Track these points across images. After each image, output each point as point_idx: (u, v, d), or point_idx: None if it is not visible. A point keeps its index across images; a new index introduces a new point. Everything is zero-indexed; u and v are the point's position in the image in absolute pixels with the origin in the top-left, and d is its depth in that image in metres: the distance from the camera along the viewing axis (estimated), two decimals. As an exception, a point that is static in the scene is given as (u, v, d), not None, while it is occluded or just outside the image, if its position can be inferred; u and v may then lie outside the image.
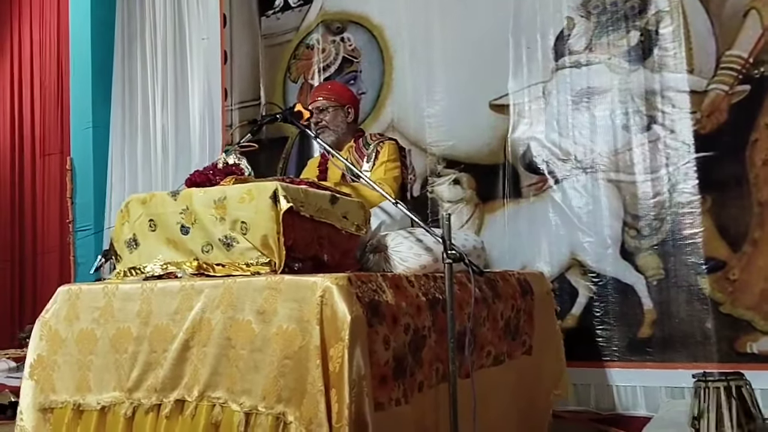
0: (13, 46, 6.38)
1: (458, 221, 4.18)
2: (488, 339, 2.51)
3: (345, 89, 3.21)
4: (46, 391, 2.02)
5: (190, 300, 1.85)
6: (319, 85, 3.55)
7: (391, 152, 2.88)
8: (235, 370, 1.78)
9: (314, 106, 2.89)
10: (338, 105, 2.95)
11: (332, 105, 2.93)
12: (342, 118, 2.95)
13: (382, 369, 1.74)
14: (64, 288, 2.08)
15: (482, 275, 2.10)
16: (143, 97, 5.53)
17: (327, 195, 2.09)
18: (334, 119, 2.92)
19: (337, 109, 2.95)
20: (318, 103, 2.92)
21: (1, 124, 6.42)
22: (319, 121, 2.88)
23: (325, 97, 2.96)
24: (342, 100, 2.99)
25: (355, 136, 3.00)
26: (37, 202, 6.03)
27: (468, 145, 4.17)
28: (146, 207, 2.07)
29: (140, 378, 1.90)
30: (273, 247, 1.88)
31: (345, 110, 2.97)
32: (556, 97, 3.93)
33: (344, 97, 3.03)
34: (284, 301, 1.72)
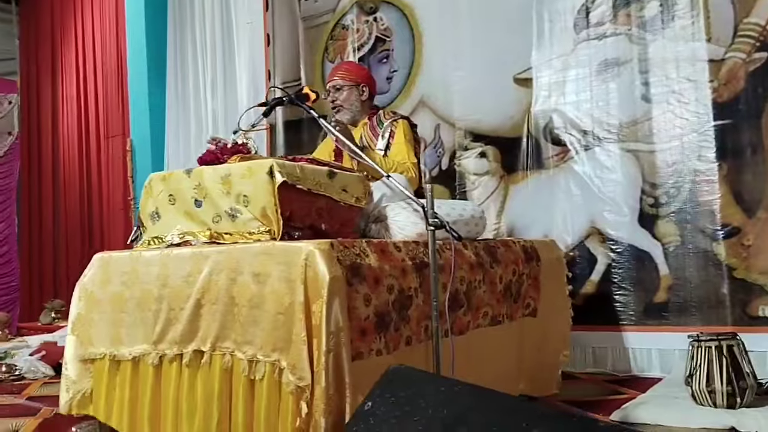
0: (77, 38, 6.84)
1: (485, 192, 4.35)
2: (485, 301, 2.70)
3: (360, 68, 3.41)
4: (85, 344, 2.36)
5: (200, 264, 2.13)
6: (335, 65, 3.76)
7: (407, 131, 3.07)
8: (238, 324, 2.05)
9: (330, 85, 3.10)
10: (353, 84, 3.16)
11: (347, 84, 3.14)
12: (356, 97, 3.16)
13: (362, 323, 1.97)
14: (98, 255, 2.41)
15: (460, 240, 2.28)
16: (194, 80, 5.87)
17: (324, 170, 2.32)
18: (349, 97, 3.13)
19: (352, 88, 3.15)
20: (334, 82, 3.13)
21: (69, 109, 6.93)
22: (334, 100, 3.09)
23: (340, 76, 3.17)
24: (357, 78, 3.19)
25: (370, 114, 3.20)
26: (102, 180, 6.51)
27: (493, 118, 4.32)
28: (166, 183, 2.36)
29: (163, 332, 2.20)
30: (271, 217, 2.14)
31: (360, 89, 3.17)
32: (577, 70, 4.02)
33: (359, 76, 3.23)
34: (276, 264, 1.98)
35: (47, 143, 7.17)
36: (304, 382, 1.86)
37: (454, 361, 2.30)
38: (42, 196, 7.19)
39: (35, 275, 7.17)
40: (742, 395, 2.67)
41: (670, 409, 2.78)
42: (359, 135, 3.16)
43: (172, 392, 2.13)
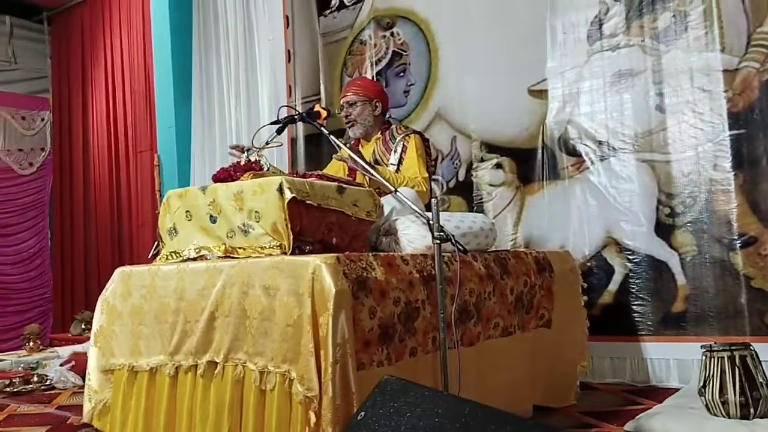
0: (106, 55, 7.05)
1: (501, 203, 4.39)
2: (495, 312, 2.75)
3: (373, 84, 3.48)
4: (107, 355, 2.46)
5: (214, 278, 2.21)
6: (349, 81, 3.85)
7: (419, 146, 3.14)
8: (250, 336, 2.13)
9: (344, 101, 3.19)
10: (366, 99, 3.24)
11: (360, 99, 3.22)
12: (370, 112, 3.24)
13: (366, 335, 2.04)
14: (119, 270, 2.52)
15: (466, 253, 2.33)
16: (219, 96, 6.01)
17: (333, 186, 2.40)
18: (362, 113, 3.21)
19: (365, 103, 3.23)
20: (347, 98, 3.22)
21: (99, 125, 7.13)
22: (348, 115, 3.18)
23: (353, 92, 3.26)
24: (370, 94, 3.27)
25: (383, 129, 3.27)
26: (132, 194, 6.68)
27: (508, 130, 4.36)
28: (183, 200, 2.45)
29: (179, 343, 2.29)
30: (282, 232, 2.22)
31: (373, 104, 3.25)
32: (591, 81, 4.04)
33: (372, 91, 3.31)
34: (285, 278, 2.05)
35: (78, 158, 7.38)
36: (312, 392, 1.93)
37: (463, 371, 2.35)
38: (73, 210, 7.40)
39: (67, 287, 7.37)
40: (756, 405, 2.66)
41: (683, 420, 2.78)
42: (372, 149, 3.24)
43: (186, 402, 2.21)
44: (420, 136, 3.28)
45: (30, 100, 7.75)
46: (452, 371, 2.26)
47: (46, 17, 7.78)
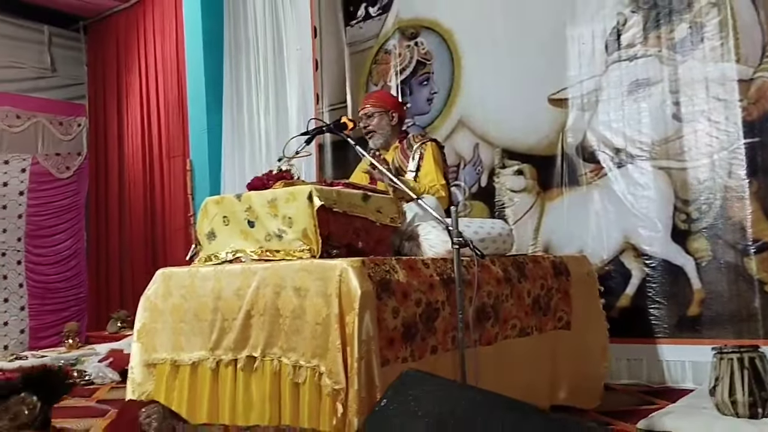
0: (140, 63, 7.31)
1: (522, 209, 4.53)
2: (513, 313, 2.89)
3: (389, 96, 3.65)
4: (149, 351, 2.65)
5: (249, 279, 2.39)
6: (366, 95, 4.01)
7: (435, 154, 3.30)
8: (283, 333, 2.30)
9: (362, 113, 3.37)
10: (383, 110, 3.41)
11: (378, 111, 3.40)
12: (387, 122, 3.41)
13: (390, 333, 2.20)
14: (160, 271, 2.71)
15: (483, 258, 2.48)
16: (248, 103, 6.22)
17: (359, 194, 2.56)
18: (380, 123, 3.38)
19: (383, 114, 3.40)
20: (365, 110, 3.39)
21: (134, 130, 7.39)
22: (367, 126, 3.35)
23: (371, 104, 3.43)
24: (386, 105, 3.45)
25: (400, 138, 3.44)
26: (165, 198, 6.91)
27: (529, 137, 4.49)
28: (220, 207, 2.64)
29: (218, 340, 2.47)
30: (311, 237, 2.39)
31: (389, 115, 3.43)
32: (609, 90, 4.17)
33: (388, 103, 3.49)
34: (314, 280, 2.22)
35: (113, 163, 7.65)
36: (339, 385, 2.09)
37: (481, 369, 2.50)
38: (109, 212, 7.67)
39: (102, 287, 7.64)
40: (764, 405, 2.76)
41: (694, 419, 2.89)
42: (391, 158, 3.40)
43: (228, 393, 2.39)
44: (436, 143, 3.44)
45: (67, 106, 8.04)
46: (470, 368, 2.40)
47: (83, 26, 8.06)
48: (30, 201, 7.59)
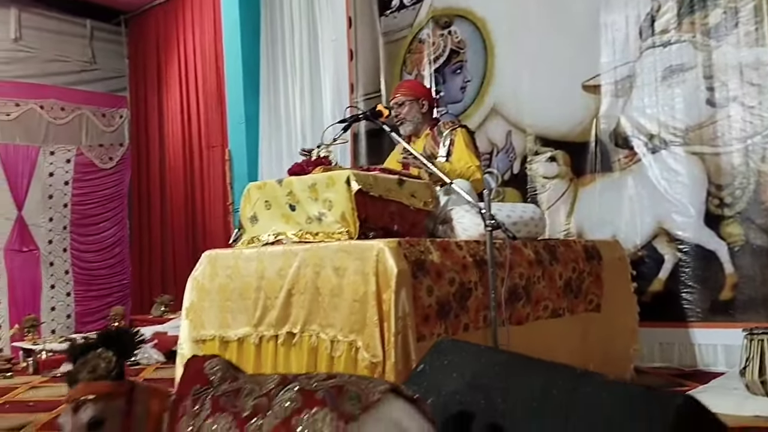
0: (179, 55, 7.50)
1: (554, 195, 4.58)
2: (544, 295, 2.97)
3: (418, 85, 3.73)
4: (198, 327, 2.80)
5: (290, 260, 2.52)
6: (396, 85, 4.10)
7: (466, 138, 3.38)
8: (322, 310, 2.42)
9: (393, 102, 3.46)
10: (414, 99, 3.50)
11: (408, 99, 3.49)
12: (417, 110, 3.50)
13: (425, 310, 2.30)
14: (206, 253, 2.86)
15: (515, 239, 2.56)
16: (285, 93, 6.35)
17: (395, 178, 2.67)
18: (411, 111, 3.47)
19: (413, 103, 3.49)
20: (396, 99, 3.49)
21: (174, 121, 7.60)
22: (398, 114, 3.45)
23: (402, 93, 3.52)
24: (416, 94, 3.54)
25: (431, 125, 3.53)
26: (204, 187, 7.11)
27: (562, 124, 4.53)
28: (262, 192, 2.77)
29: (261, 317, 2.61)
30: (349, 220, 2.50)
31: (419, 103, 3.51)
32: (643, 76, 4.18)
33: (418, 91, 3.58)
34: (352, 260, 2.33)
35: (155, 153, 7.87)
36: (377, 358, 2.21)
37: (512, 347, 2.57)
38: (151, 201, 7.91)
39: (145, 273, 7.89)
40: (794, 386, 2.80)
41: (725, 398, 2.94)
42: (422, 145, 3.49)
43: (269, 366, 2.52)
44: (465, 128, 3.52)
45: (109, 98, 8.29)
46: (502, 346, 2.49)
47: (123, 20, 8.29)
48: (75, 191, 7.86)
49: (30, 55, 7.55)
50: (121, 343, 1.28)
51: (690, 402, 1.14)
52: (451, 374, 1.45)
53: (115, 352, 1.26)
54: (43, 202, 7.58)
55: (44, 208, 7.58)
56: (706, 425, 1.15)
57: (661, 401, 1.11)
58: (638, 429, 1.08)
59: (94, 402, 1.23)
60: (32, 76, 7.57)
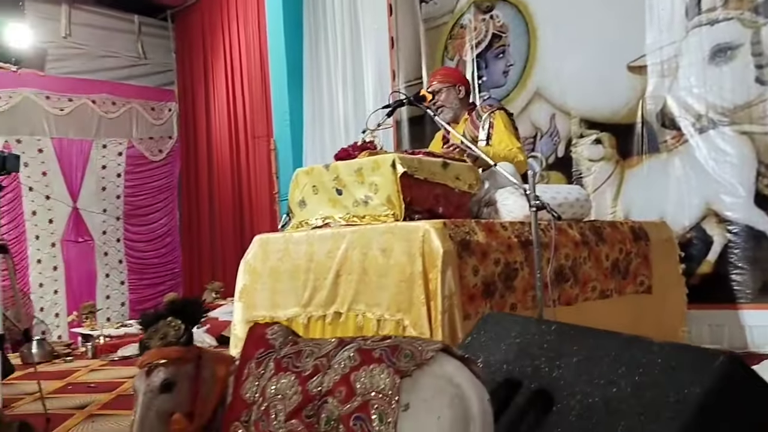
0: (225, 48, 7.65)
1: (600, 178, 4.54)
2: (592, 276, 2.98)
3: (454, 71, 3.74)
4: (250, 309, 2.89)
5: (338, 242, 2.58)
6: (432, 72, 4.10)
7: (505, 120, 3.39)
8: (369, 290, 2.49)
9: (430, 90, 3.49)
10: (450, 85, 3.52)
11: (445, 86, 3.51)
12: (454, 96, 3.52)
13: (471, 290, 2.34)
14: (258, 237, 2.95)
15: (560, 219, 2.57)
16: (328, 83, 6.43)
17: (439, 161, 2.70)
18: (448, 98, 3.49)
19: (450, 89, 3.52)
20: (433, 87, 3.52)
21: (220, 113, 7.76)
22: (435, 102, 3.47)
23: (438, 80, 3.55)
24: (453, 80, 3.56)
25: (469, 109, 3.55)
26: (251, 177, 7.26)
27: (607, 106, 4.49)
28: (310, 177, 2.84)
29: (310, 297, 2.69)
30: (395, 202, 2.55)
31: (456, 89, 3.54)
32: (690, 55, 4.11)
33: (454, 77, 3.60)
34: (398, 241, 2.39)
35: (202, 145, 8.06)
36: (424, 336, 2.25)
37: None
38: (199, 191, 8.11)
39: (195, 261, 8.11)
40: None
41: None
42: (462, 130, 3.51)
43: (317, 346, 2.60)
44: (504, 110, 3.53)
45: (158, 92, 8.51)
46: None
47: (170, 15, 8.48)
48: (127, 182, 8.12)
49: (81, 51, 7.81)
50: (188, 312, 1.37)
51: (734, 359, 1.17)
52: (498, 345, 1.50)
53: (183, 321, 1.35)
54: (96, 194, 7.85)
55: (98, 200, 7.85)
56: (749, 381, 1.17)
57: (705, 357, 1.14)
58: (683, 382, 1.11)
59: (165, 366, 1.32)
60: (84, 72, 7.83)
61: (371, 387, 1.09)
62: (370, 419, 1.06)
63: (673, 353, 1.19)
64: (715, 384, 1.09)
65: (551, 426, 1.22)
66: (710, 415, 1.07)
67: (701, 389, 1.07)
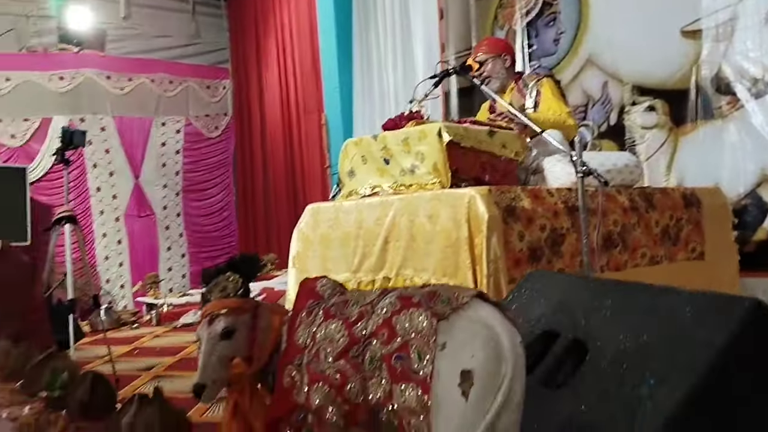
0: (276, 25, 7.75)
1: (653, 146, 4.47)
2: (641, 242, 2.97)
3: (498, 41, 3.74)
4: (303, 275, 3.00)
5: (386, 210, 2.66)
6: (477, 44, 4.08)
7: (552, 87, 3.39)
8: (416, 256, 2.56)
9: (476, 61, 3.50)
10: (496, 55, 3.53)
11: (491, 56, 3.52)
12: (501, 66, 3.53)
13: (516, 255, 2.39)
14: (309, 206, 3.05)
15: (607, 185, 2.58)
16: (378, 57, 6.46)
17: (485, 130, 2.74)
18: (494, 68, 3.50)
19: (496, 59, 3.52)
20: (479, 58, 3.53)
21: (273, 90, 7.90)
22: (482, 71, 3.49)
23: (483, 51, 3.56)
24: (498, 50, 3.56)
25: (515, 79, 3.55)
26: (303, 151, 7.39)
27: (660, 72, 4.40)
28: (358, 147, 2.92)
29: (360, 263, 2.78)
30: (441, 171, 2.61)
31: (502, 58, 3.54)
32: (745, 18, 3.99)
33: (499, 47, 3.60)
34: (445, 208, 2.45)
35: (256, 121, 8.23)
36: (470, 300, 2.32)
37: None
38: (253, 167, 8.30)
39: (251, 234, 8.33)
40: None
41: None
42: (508, 99, 3.52)
43: (368, 311, 2.70)
44: (551, 77, 3.52)
45: (213, 70, 8.70)
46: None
47: (223, -6, 8.63)
48: (185, 159, 8.36)
49: (138, 32, 8.04)
50: (245, 267, 1.49)
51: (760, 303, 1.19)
52: (539, 300, 1.55)
53: (241, 275, 1.47)
54: (157, 170, 8.12)
55: (158, 176, 8.13)
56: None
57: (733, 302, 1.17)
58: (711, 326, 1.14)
59: (225, 315, 1.45)
60: (141, 51, 8.06)
61: (411, 329, 1.18)
62: (410, 357, 1.15)
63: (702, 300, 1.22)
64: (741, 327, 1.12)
65: (586, 373, 1.28)
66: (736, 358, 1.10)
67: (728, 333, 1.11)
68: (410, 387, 1.12)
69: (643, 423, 1.09)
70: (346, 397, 1.23)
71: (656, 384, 1.13)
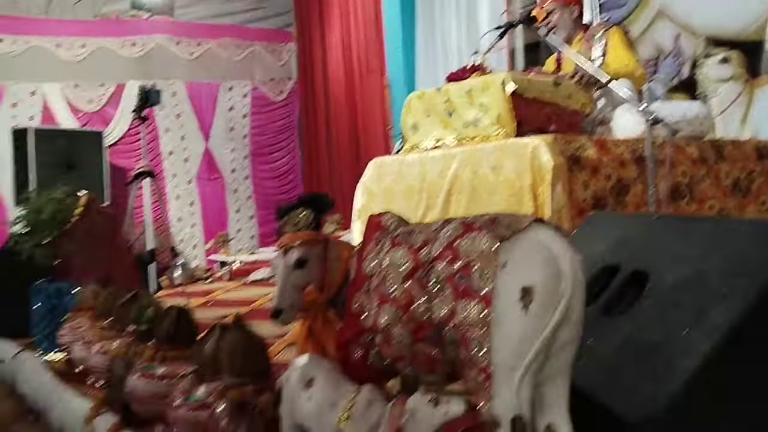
0: (339, -15, 7.77)
1: (727, 99, 4.32)
2: (710, 194, 2.91)
3: None
4: (368, 227, 3.08)
5: (449, 162, 2.69)
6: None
7: (621, 37, 3.32)
8: (479, 209, 2.58)
9: (544, 8, 3.45)
10: (563, 5, 3.47)
11: (559, 6, 3.46)
12: (568, 16, 3.47)
13: (580, 204, 2.39)
14: (373, 161, 3.12)
15: (674, 135, 2.53)
16: (441, 14, 6.40)
17: (550, 80, 2.73)
18: (561, 18, 3.45)
19: (563, 9, 3.47)
20: (546, 6, 3.48)
21: (336, 52, 7.93)
22: (549, 21, 3.44)
23: (551, 1, 3.50)
24: (566, 0, 3.50)
25: (582, 30, 3.49)
26: (366, 113, 7.43)
27: (735, 23, 4.23)
28: (422, 101, 2.95)
29: (423, 216, 2.83)
30: (506, 121, 2.62)
31: (570, 9, 3.49)
32: (832, -40, 3.79)
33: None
34: (508, 157, 2.46)
35: (319, 84, 8.30)
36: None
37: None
38: (317, 130, 8.40)
39: (316, 197, 8.47)
40: None
41: None
42: (576, 50, 3.46)
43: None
44: (620, 28, 3.45)
45: (277, 34, 8.79)
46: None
47: (287, -43, 8.67)
48: (252, 123, 8.54)
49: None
50: (316, 203, 1.59)
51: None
52: (600, 239, 1.57)
53: (312, 210, 1.57)
54: (225, 134, 8.33)
55: (227, 140, 8.34)
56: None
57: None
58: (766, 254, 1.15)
59: (299, 246, 1.55)
60: (209, 17, 8.23)
61: (473, 250, 1.23)
62: (472, 276, 1.21)
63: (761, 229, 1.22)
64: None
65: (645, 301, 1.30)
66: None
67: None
68: (472, 303, 1.18)
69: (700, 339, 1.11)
70: (412, 315, 1.31)
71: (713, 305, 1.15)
